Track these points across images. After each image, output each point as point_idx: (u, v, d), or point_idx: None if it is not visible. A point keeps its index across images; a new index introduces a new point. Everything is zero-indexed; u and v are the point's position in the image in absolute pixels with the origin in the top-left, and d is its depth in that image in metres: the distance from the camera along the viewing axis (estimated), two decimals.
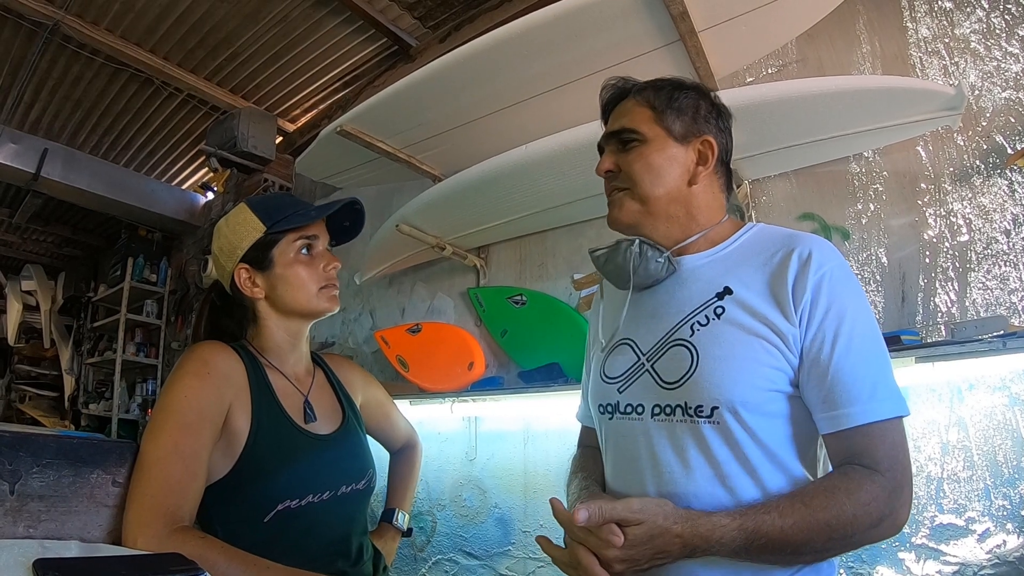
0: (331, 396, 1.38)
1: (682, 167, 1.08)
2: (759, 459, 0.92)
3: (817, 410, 0.92)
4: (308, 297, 1.27)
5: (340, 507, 1.22)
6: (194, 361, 1.14)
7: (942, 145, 1.87)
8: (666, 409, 0.99)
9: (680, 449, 0.96)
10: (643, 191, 1.07)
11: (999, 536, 1.57)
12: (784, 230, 1.08)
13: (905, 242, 1.89)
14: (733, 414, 0.93)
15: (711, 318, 0.99)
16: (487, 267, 2.88)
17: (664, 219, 1.09)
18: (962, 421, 1.68)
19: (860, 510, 0.83)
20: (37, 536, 0.85)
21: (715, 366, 0.95)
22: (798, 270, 0.96)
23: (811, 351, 0.93)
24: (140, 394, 4.93)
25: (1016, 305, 1.68)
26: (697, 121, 1.10)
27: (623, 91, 1.17)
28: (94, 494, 0.94)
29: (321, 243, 1.31)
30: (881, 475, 0.86)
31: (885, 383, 0.91)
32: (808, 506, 0.84)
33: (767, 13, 1.83)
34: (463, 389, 2.54)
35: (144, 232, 5.22)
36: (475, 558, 2.55)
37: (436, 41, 3.38)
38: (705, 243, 1.10)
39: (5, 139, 4.05)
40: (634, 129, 1.09)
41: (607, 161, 1.12)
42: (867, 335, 0.93)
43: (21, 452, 0.88)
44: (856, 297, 0.96)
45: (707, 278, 1.05)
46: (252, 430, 1.14)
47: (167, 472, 1.00)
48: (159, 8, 3.28)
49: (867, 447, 0.88)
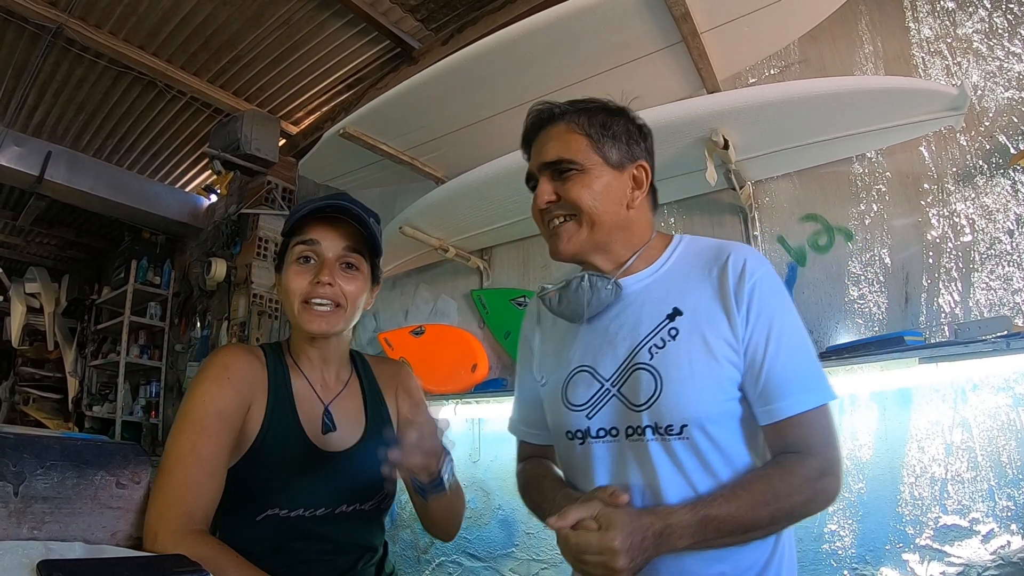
0: (358, 406, 1.30)
1: (620, 193, 1.11)
2: (720, 464, 1.01)
3: (756, 405, 1.02)
4: (292, 309, 1.19)
5: (337, 525, 1.17)
6: (215, 366, 1.15)
7: (945, 145, 1.87)
8: (638, 430, 1.04)
9: (654, 466, 1.01)
10: (590, 219, 1.09)
11: (1003, 537, 1.57)
12: (711, 241, 1.14)
13: (908, 242, 1.89)
14: (701, 429, 1.00)
15: (667, 340, 1.05)
16: (490, 269, 2.88)
17: (606, 245, 1.12)
18: (966, 422, 1.68)
19: (795, 490, 0.94)
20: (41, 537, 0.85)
21: (679, 388, 1.01)
22: (736, 280, 1.03)
23: (748, 353, 1.01)
24: (143, 396, 4.93)
25: (1020, 305, 1.67)
26: (631, 147, 1.13)
27: (552, 115, 1.17)
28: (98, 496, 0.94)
29: (328, 250, 1.19)
30: (812, 456, 0.96)
31: (811, 376, 1.01)
32: (749, 491, 0.95)
33: (769, 14, 1.84)
34: (467, 391, 2.54)
35: (148, 234, 5.22)
36: (479, 560, 2.55)
37: (439, 43, 3.39)
38: (641, 262, 1.14)
39: (9, 142, 4.06)
40: (572, 159, 1.10)
41: (546, 191, 1.12)
42: (794, 334, 1.02)
43: (25, 454, 0.88)
44: (783, 300, 1.05)
45: (653, 299, 1.10)
46: (261, 432, 1.14)
47: (186, 473, 1.03)
48: (162, 11, 3.29)
49: (798, 435, 0.98)
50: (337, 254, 1.20)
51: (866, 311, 1.92)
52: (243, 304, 3.99)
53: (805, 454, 0.97)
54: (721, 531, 0.92)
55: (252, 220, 4.18)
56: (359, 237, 1.22)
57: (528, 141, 1.21)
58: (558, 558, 2.32)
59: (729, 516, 0.92)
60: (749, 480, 0.98)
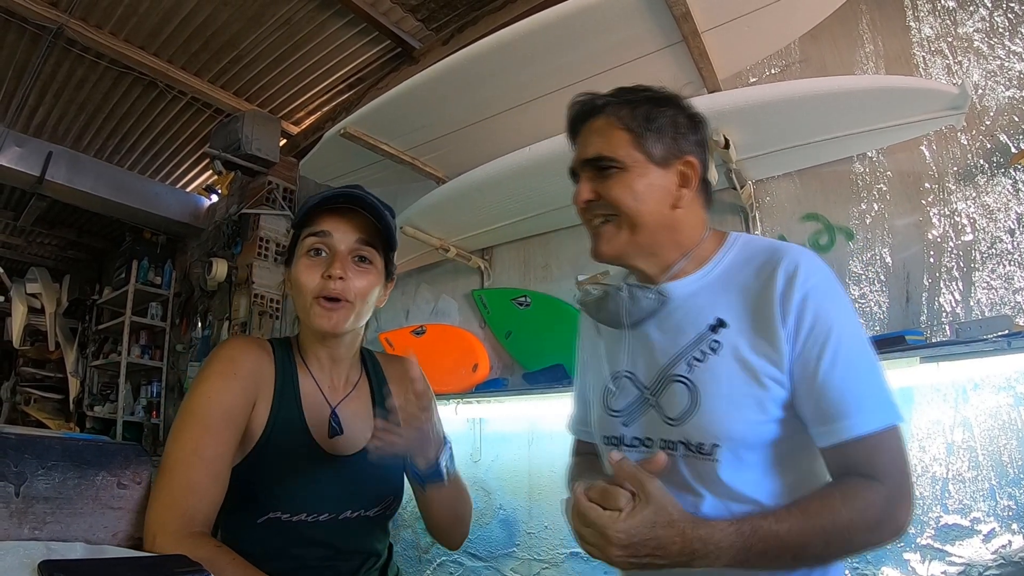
0: (367, 409, 1.25)
1: (665, 192, 1.03)
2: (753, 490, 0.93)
3: (811, 425, 0.92)
4: (304, 306, 1.14)
5: (340, 531, 1.14)
6: (221, 360, 1.11)
7: (946, 145, 1.87)
8: (670, 444, 0.98)
9: (684, 484, 0.96)
10: (630, 220, 1.02)
11: (1004, 536, 1.56)
12: (767, 243, 1.06)
13: (909, 242, 1.88)
14: (733, 451, 0.93)
15: (707, 353, 0.98)
16: (491, 269, 2.88)
17: (650, 247, 1.05)
18: (967, 421, 1.68)
19: (856, 515, 0.84)
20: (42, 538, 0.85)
21: (715, 404, 0.94)
22: (784, 287, 0.94)
23: (800, 368, 0.92)
24: (145, 396, 4.94)
25: (1021, 304, 1.67)
26: (678, 141, 1.05)
27: (594, 107, 1.09)
28: (99, 496, 0.94)
29: (340, 242, 1.13)
30: (879, 482, 0.86)
31: (875, 393, 0.91)
32: (804, 512, 0.85)
33: (770, 13, 1.84)
34: (468, 391, 2.54)
35: (148, 235, 5.23)
36: (480, 559, 2.55)
37: (439, 43, 3.39)
38: (691, 264, 1.06)
39: (10, 142, 4.07)
40: (612, 157, 1.03)
41: (585, 190, 1.06)
42: (854, 347, 0.92)
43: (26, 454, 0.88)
44: (842, 309, 0.95)
45: (698, 307, 1.02)
46: (265, 432, 1.11)
47: (187, 474, 1.00)
48: (163, 12, 3.30)
49: (864, 458, 0.87)
50: (350, 247, 1.14)
51: (867, 310, 1.92)
52: (244, 304, 3.99)
53: (871, 478, 0.86)
54: (767, 554, 0.83)
55: (253, 220, 4.18)
56: (373, 230, 1.16)
57: (573, 133, 1.14)
58: (559, 557, 2.33)
59: (778, 539, 0.83)
60: (804, 500, 0.88)
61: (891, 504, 0.85)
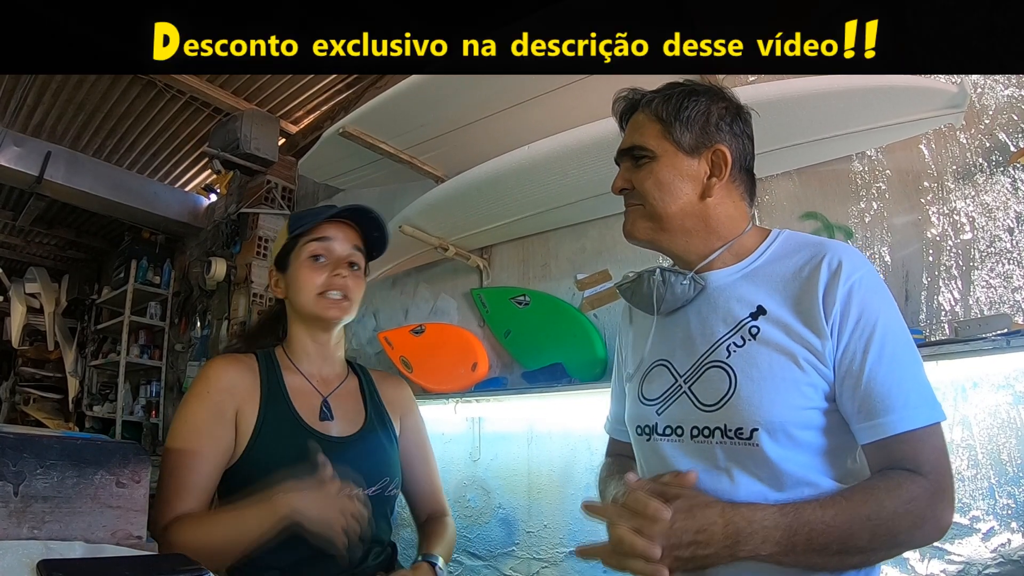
0: (357, 401, 1.39)
1: (693, 181, 1.06)
2: (793, 479, 0.92)
3: (854, 420, 0.92)
4: (307, 300, 1.30)
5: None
6: (197, 381, 1.25)
7: (945, 143, 1.87)
8: (704, 431, 0.98)
9: (721, 471, 0.96)
10: (653, 208, 1.06)
11: (1003, 535, 1.57)
12: (811, 237, 1.07)
13: (908, 240, 1.88)
14: (771, 436, 0.92)
15: (747, 339, 0.98)
16: (490, 268, 2.88)
17: (680, 234, 1.08)
18: (966, 420, 1.68)
19: (901, 507, 0.83)
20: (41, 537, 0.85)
21: (754, 388, 0.94)
22: (828, 280, 0.95)
23: (844, 362, 0.92)
24: (144, 396, 4.94)
25: (1020, 303, 1.67)
26: (707, 131, 1.07)
27: (633, 103, 1.14)
28: (98, 495, 0.94)
29: (340, 247, 1.33)
30: (923, 477, 0.86)
31: (919, 390, 0.91)
32: (849, 500, 0.85)
33: None
34: (467, 390, 2.54)
35: (147, 234, 5.23)
36: (479, 559, 2.55)
37: None
38: (731, 257, 1.08)
39: (8, 142, 4.06)
40: (643, 146, 1.07)
41: (620, 180, 1.12)
42: (899, 342, 0.93)
43: (25, 453, 0.88)
44: (886, 304, 0.96)
45: (738, 296, 1.03)
46: (256, 427, 1.21)
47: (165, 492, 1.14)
48: None
49: (907, 454, 0.88)
50: (347, 252, 1.34)
51: None
52: (243, 303, 3.99)
53: (915, 472, 0.87)
54: (812, 543, 0.82)
55: (252, 219, 4.18)
56: (363, 239, 1.38)
57: (621, 128, 1.19)
58: (558, 556, 2.33)
59: (823, 524, 0.82)
60: (848, 489, 0.88)
61: (935, 500, 0.86)
